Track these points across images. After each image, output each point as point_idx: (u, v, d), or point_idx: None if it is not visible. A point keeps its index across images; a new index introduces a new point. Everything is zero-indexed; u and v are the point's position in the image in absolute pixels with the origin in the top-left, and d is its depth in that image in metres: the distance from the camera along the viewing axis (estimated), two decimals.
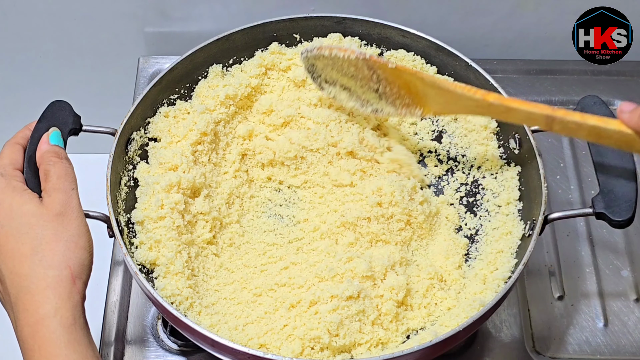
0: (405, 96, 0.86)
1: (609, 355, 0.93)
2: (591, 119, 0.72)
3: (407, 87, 0.85)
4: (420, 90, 0.84)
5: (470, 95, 0.80)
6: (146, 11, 1.15)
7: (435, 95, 0.83)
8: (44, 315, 0.70)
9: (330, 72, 0.90)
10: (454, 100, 0.82)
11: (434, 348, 0.75)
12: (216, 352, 0.78)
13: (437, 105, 0.85)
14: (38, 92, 1.22)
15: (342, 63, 0.87)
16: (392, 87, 0.86)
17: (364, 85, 0.88)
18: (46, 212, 0.75)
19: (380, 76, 0.85)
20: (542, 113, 0.75)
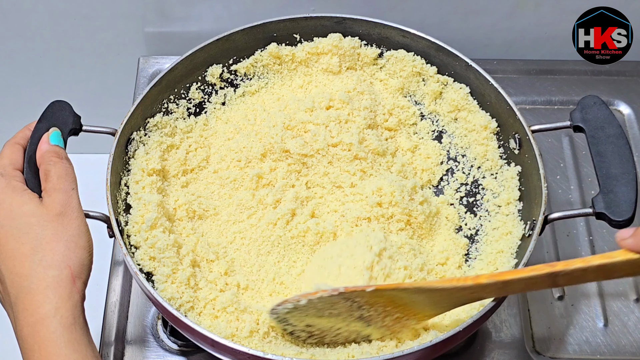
0: (392, 311, 0.78)
1: (609, 355, 0.93)
2: (595, 259, 0.68)
3: (393, 302, 0.77)
4: (407, 301, 0.77)
5: (461, 285, 0.73)
6: (146, 11, 1.15)
7: (425, 299, 0.76)
8: (44, 315, 0.70)
9: (306, 320, 0.79)
10: (446, 296, 0.75)
11: (434, 348, 0.75)
12: (216, 352, 0.78)
13: (430, 309, 0.78)
14: (38, 92, 1.23)
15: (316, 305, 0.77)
16: (376, 309, 0.77)
17: (346, 318, 0.78)
18: (46, 212, 0.75)
19: (360, 302, 0.76)
20: (542, 273, 0.70)
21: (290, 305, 0.77)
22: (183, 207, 0.89)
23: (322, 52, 0.99)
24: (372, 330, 0.79)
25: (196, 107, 0.98)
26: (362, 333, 0.80)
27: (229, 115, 0.98)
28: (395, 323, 0.79)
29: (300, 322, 0.79)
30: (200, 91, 0.98)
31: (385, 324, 0.79)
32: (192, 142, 0.95)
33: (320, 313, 0.78)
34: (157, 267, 0.82)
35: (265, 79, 1.01)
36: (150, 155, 0.90)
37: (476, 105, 0.96)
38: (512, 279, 0.72)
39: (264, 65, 1.00)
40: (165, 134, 0.93)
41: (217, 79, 0.99)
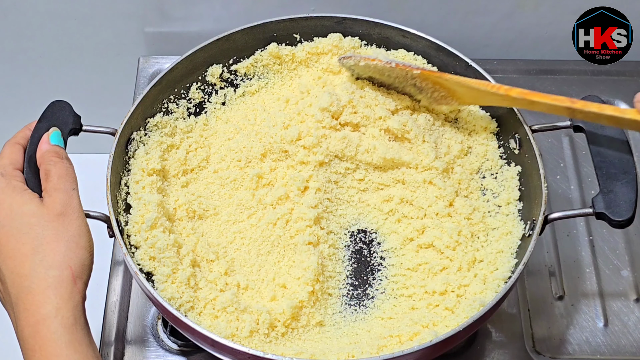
0: (440, 89, 0.92)
1: (609, 355, 0.93)
2: (608, 109, 0.79)
3: (439, 84, 0.91)
4: (449, 87, 0.91)
5: (494, 91, 0.87)
6: (146, 11, 1.15)
7: (464, 90, 0.90)
8: (45, 316, 0.70)
9: (369, 73, 0.95)
10: (481, 94, 0.89)
11: (434, 348, 0.75)
12: (216, 352, 0.78)
13: (468, 98, 0.92)
14: (38, 92, 1.23)
15: (376, 67, 0.93)
16: (427, 83, 0.92)
17: (403, 81, 0.93)
18: (47, 212, 0.75)
19: (414, 75, 0.91)
20: (563, 105, 0.82)
21: (351, 62, 0.94)
22: (183, 207, 0.89)
23: (322, 52, 0.99)
24: (423, 98, 0.94)
25: (196, 107, 0.98)
26: (415, 96, 0.95)
27: (229, 115, 0.98)
28: (442, 99, 0.93)
29: (364, 73, 0.95)
30: (200, 91, 0.98)
31: (434, 97, 0.93)
32: (192, 142, 0.95)
33: (381, 73, 0.93)
34: (157, 267, 0.82)
35: (265, 79, 1.01)
36: (150, 155, 0.90)
37: (476, 106, 0.96)
38: (537, 100, 0.83)
39: (264, 65, 1.00)
40: (165, 134, 0.93)
41: (217, 79, 0.99)
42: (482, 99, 0.90)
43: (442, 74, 0.91)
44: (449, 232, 0.88)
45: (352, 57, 0.94)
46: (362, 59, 0.93)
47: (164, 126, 0.93)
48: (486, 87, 0.88)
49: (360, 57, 0.93)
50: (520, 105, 0.87)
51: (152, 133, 0.92)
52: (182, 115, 0.96)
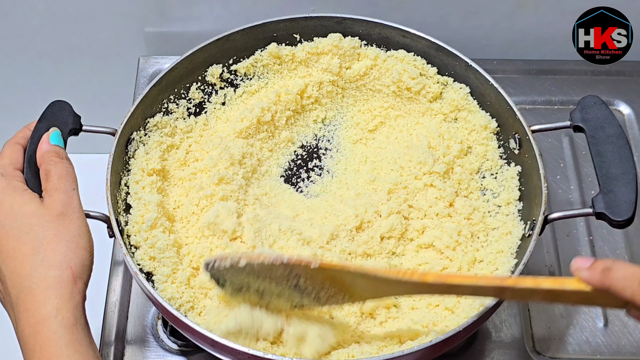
0: (330, 287, 0.76)
1: (609, 355, 0.93)
2: (545, 282, 0.67)
3: (332, 280, 0.75)
4: (347, 281, 0.75)
5: (406, 279, 0.72)
6: (146, 11, 1.15)
7: (367, 284, 0.75)
8: (46, 316, 0.70)
9: (241, 278, 0.77)
10: (389, 286, 0.74)
11: (434, 348, 0.75)
12: (216, 352, 0.78)
13: (369, 293, 0.76)
14: (38, 92, 1.23)
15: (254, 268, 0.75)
16: (313, 281, 0.76)
17: (281, 283, 0.76)
18: (47, 213, 0.75)
19: (299, 272, 0.75)
20: (490, 285, 0.70)
21: (228, 263, 0.75)
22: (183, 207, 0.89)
23: (322, 52, 0.99)
24: (305, 301, 0.78)
25: (196, 107, 0.98)
26: (296, 301, 0.78)
27: (229, 115, 0.98)
28: (329, 299, 0.77)
29: (235, 280, 0.77)
30: (200, 91, 0.98)
31: (319, 298, 0.77)
32: (192, 142, 0.95)
33: (257, 275, 0.76)
34: (157, 267, 0.82)
35: (265, 79, 1.01)
36: (150, 155, 0.90)
37: (476, 105, 0.96)
38: (459, 284, 0.71)
39: (264, 65, 1.00)
40: (165, 134, 0.93)
41: (217, 79, 0.99)
42: (388, 289, 0.75)
43: (345, 265, 0.76)
44: (449, 232, 0.88)
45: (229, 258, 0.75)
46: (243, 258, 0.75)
47: (164, 126, 0.93)
48: (397, 276, 0.72)
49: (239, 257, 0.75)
50: (439, 292, 0.73)
51: (152, 133, 0.92)
52: (182, 115, 0.96)
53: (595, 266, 0.63)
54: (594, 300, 0.66)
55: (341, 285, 0.75)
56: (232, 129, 0.95)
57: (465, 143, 0.96)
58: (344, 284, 0.75)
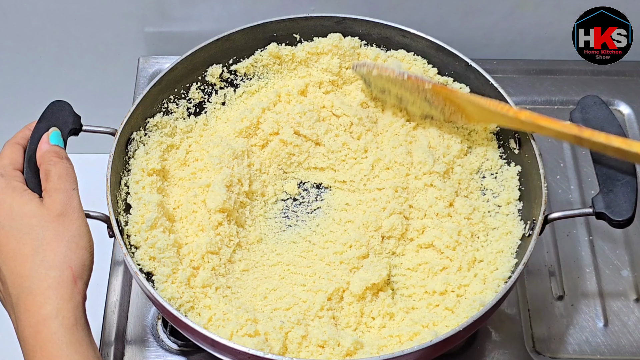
0: (450, 105, 0.91)
1: (609, 355, 0.93)
2: (615, 141, 0.78)
3: (449, 100, 0.91)
4: (460, 104, 0.90)
5: (504, 112, 0.86)
6: (146, 11, 1.15)
7: (473, 109, 0.89)
8: (46, 316, 0.70)
9: (382, 83, 0.94)
10: (491, 114, 0.88)
11: (434, 348, 0.75)
12: (216, 352, 0.78)
13: (477, 117, 0.90)
14: (38, 92, 1.23)
15: (389, 78, 0.93)
16: (437, 98, 0.91)
17: (414, 93, 0.92)
18: (47, 213, 0.75)
19: (425, 89, 0.91)
20: (571, 133, 0.81)
21: (364, 70, 0.94)
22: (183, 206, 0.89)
23: (322, 52, 0.99)
24: (434, 112, 0.93)
25: (196, 107, 0.98)
26: (426, 110, 0.94)
27: (229, 115, 0.98)
28: (452, 115, 0.93)
29: (377, 82, 0.95)
30: (200, 91, 0.98)
31: (444, 112, 0.93)
32: (192, 142, 0.95)
33: (394, 83, 0.93)
34: (157, 267, 0.82)
35: (265, 79, 1.01)
36: (150, 155, 0.90)
37: None
38: (546, 126, 0.83)
39: (264, 65, 1.00)
40: (165, 134, 0.93)
41: (217, 79, 0.99)
42: (491, 118, 0.90)
43: (454, 91, 0.91)
44: (449, 232, 0.88)
45: (366, 65, 0.94)
46: (376, 68, 0.93)
47: (164, 126, 0.93)
48: (496, 108, 0.87)
49: (373, 66, 0.94)
50: (528, 128, 0.86)
51: (152, 133, 0.92)
52: (182, 115, 0.96)
53: None
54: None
55: (457, 106, 0.91)
56: (232, 129, 0.95)
57: (465, 143, 0.96)
58: (460, 106, 0.90)
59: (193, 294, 0.82)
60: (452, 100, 0.91)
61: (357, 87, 1.00)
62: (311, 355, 0.79)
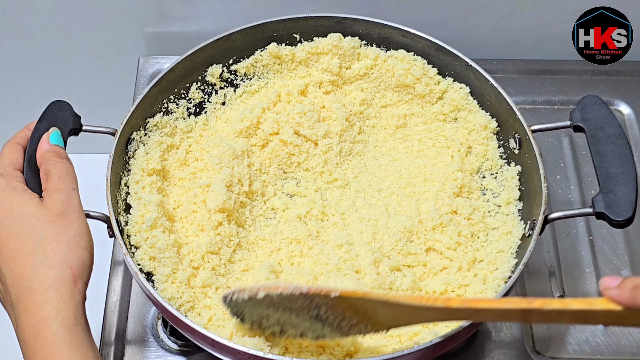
0: (352, 317, 0.74)
1: (609, 355, 0.93)
2: (573, 303, 0.63)
3: (353, 309, 0.73)
4: (369, 310, 0.73)
5: (430, 305, 0.69)
6: (146, 11, 1.15)
7: (389, 312, 0.72)
8: (46, 316, 0.70)
9: (261, 310, 0.76)
10: (412, 313, 0.71)
11: (434, 348, 0.75)
12: (216, 352, 0.78)
13: (391, 321, 0.73)
14: (38, 92, 1.22)
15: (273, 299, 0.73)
16: (334, 311, 0.73)
17: (302, 314, 0.74)
18: (47, 213, 0.75)
19: (319, 302, 0.73)
20: (516, 308, 0.66)
21: (246, 296, 0.74)
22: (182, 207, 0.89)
23: (322, 52, 0.99)
24: (327, 331, 0.75)
25: (196, 107, 0.98)
26: (317, 331, 0.76)
27: (229, 115, 0.98)
28: (351, 329, 0.75)
29: (254, 311, 0.76)
30: (200, 91, 0.98)
31: (341, 328, 0.75)
32: (192, 142, 0.95)
33: (277, 307, 0.74)
34: (157, 267, 0.82)
35: (265, 79, 1.01)
36: (150, 155, 0.90)
37: (476, 105, 0.96)
38: (484, 308, 0.68)
39: (264, 65, 1.00)
40: (165, 134, 0.93)
41: (217, 79, 0.99)
42: (411, 317, 0.72)
43: (366, 294, 0.72)
44: (449, 233, 0.88)
45: (248, 290, 0.74)
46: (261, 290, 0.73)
47: (164, 126, 0.93)
48: (420, 302, 0.69)
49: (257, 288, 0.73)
50: (464, 317, 0.71)
51: (152, 133, 0.92)
52: (182, 115, 0.96)
53: (625, 284, 0.60)
54: (625, 321, 0.63)
55: (363, 314, 0.73)
56: (232, 129, 0.95)
57: (465, 143, 0.96)
58: (366, 313, 0.73)
59: (193, 294, 0.82)
60: (357, 308, 0.72)
61: (358, 87, 1.00)
62: (311, 356, 0.79)
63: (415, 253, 0.88)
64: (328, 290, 0.71)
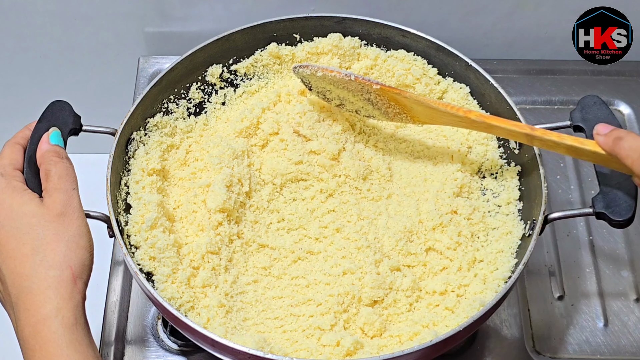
0: (396, 106, 0.90)
1: (609, 355, 0.93)
2: (568, 139, 0.78)
3: (395, 100, 0.89)
4: (407, 104, 0.89)
5: (454, 112, 0.85)
6: (146, 11, 1.15)
7: (422, 109, 0.88)
8: (46, 316, 0.70)
9: (324, 84, 0.92)
10: (439, 114, 0.87)
11: (434, 348, 0.75)
12: (216, 352, 0.78)
13: (425, 117, 0.90)
14: (38, 92, 1.23)
15: (332, 79, 0.90)
16: (382, 99, 0.90)
17: (357, 95, 0.91)
18: (47, 212, 0.75)
19: (370, 90, 0.89)
20: (522, 132, 0.82)
21: (308, 71, 0.91)
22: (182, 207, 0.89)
23: (322, 52, 0.99)
24: (376, 113, 0.92)
25: (196, 107, 0.98)
26: (368, 111, 0.93)
27: (229, 115, 0.98)
28: (396, 115, 0.91)
29: (318, 84, 0.92)
30: (200, 91, 0.98)
31: (387, 112, 0.91)
32: (192, 142, 0.95)
33: (336, 85, 0.90)
34: (157, 267, 0.82)
35: (265, 79, 1.01)
36: (150, 155, 0.90)
37: (476, 105, 0.96)
38: (496, 125, 0.83)
39: (264, 65, 1.00)
40: (165, 134, 0.93)
41: (217, 79, 0.99)
42: (440, 119, 0.89)
43: (402, 92, 0.89)
44: (449, 233, 0.88)
45: (310, 67, 0.91)
46: (320, 69, 0.90)
47: (164, 126, 0.93)
48: (445, 108, 0.86)
49: (317, 67, 0.91)
50: (479, 128, 0.86)
51: (152, 133, 0.92)
52: (182, 115, 0.96)
53: (611, 134, 0.74)
54: (607, 162, 0.77)
55: (403, 107, 0.89)
56: (232, 129, 0.95)
57: (465, 143, 0.96)
58: (405, 106, 0.89)
59: (193, 294, 0.82)
60: (398, 101, 0.89)
61: None
62: (311, 355, 0.79)
63: (415, 253, 0.88)
64: (371, 82, 0.88)
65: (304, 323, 0.82)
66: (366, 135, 0.98)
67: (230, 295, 0.83)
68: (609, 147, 0.74)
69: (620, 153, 0.73)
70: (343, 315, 0.82)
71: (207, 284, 0.83)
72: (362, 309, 0.83)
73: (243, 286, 0.85)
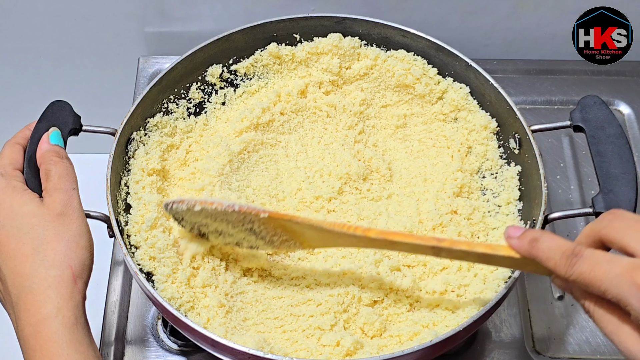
0: (283, 234, 0.81)
1: (609, 355, 0.93)
2: (479, 247, 0.71)
3: (283, 228, 0.80)
4: (297, 230, 0.80)
5: (351, 232, 0.77)
6: (146, 11, 1.15)
7: (314, 234, 0.80)
8: (46, 315, 0.70)
9: (199, 219, 0.82)
10: (334, 237, 0.79)
11: (434, 348, 0.75)
12: (216, 352, 0.78)
13: (317, 242, 0.81)
14: (38, 92, 1.23)
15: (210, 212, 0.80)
16: (266, 227, 0.81)
17: (237, 226, 0.81)
18: (47, 212, 0.75)
19: (252, 219, 0.80)
20: (428, 244, 0.74)
21: (184, 206, 0.80)
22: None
23: (322, 52, 0.99)
24: (260, 243, 0.82)
25: (196, 107, 0.98)
26: (252, 242, 0.83)
27: (229, 115, 0.98)
28: (282, 243, 0.82)
29: (193, 219, 0.82)
30: (200, 91, 0.98)
31: (273, 242, 0.82)
32: (192, 142, 0.95)
33: (214, 218, 0.80)
34: (157, 267, 0.82)
35: (265, 79, 1.01)
36: (150, 155, 0.90)
37: (476, 105, 0.96)
38: (399, 241, 0.75)
39: (264, 65, 1.00)
40: (165, 134, 0.93)
41: (217, 79, 0.99)
42: (334, 241, 0.80)
43: (293, 217, 0.79)
44: (449, 233, 0.88)
45: (186, 202, 0.80)
46: (198, 203, 0.80)
47: (164, 126, 0.94)
48: (341, 229, 0.77)
49: (195, 201, 0.80)
50: (380, 246, 0.78)
51: (152, 133, 0.92)
52: (182, 115, 0.96)
53: (525, 235, 0.67)
54: (523, 267, 0.70)
55: (292, 233, 0.80)
56: (232, 129, 0.95)
57: (465, 143, 0.96)
58: (295, 233, 0.80)
59: (193, 294, 0.82)
60: (286, 228, 0.80)
61: (358, 87, 1.00)
62: (311, 356, 0.79)
63: None
64: (258, 210, 0.79)
65: (304, 323, 0.82)
66: (366, 135, 0.98)
67: (230, 295, 0.83)
68: (526, 251, 0.66)
69: (540, 256, 0.65)
70: (343, 315, 0.82)
71: (207, 284, 0.83)
72: (362, 309, 0.83)
73: (243, 286, 0.85)
